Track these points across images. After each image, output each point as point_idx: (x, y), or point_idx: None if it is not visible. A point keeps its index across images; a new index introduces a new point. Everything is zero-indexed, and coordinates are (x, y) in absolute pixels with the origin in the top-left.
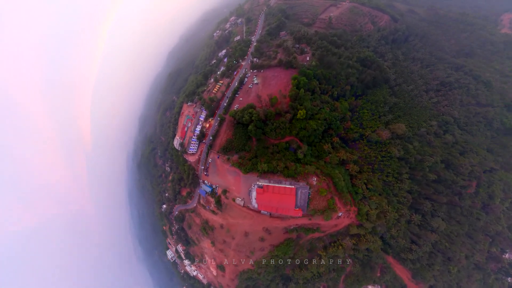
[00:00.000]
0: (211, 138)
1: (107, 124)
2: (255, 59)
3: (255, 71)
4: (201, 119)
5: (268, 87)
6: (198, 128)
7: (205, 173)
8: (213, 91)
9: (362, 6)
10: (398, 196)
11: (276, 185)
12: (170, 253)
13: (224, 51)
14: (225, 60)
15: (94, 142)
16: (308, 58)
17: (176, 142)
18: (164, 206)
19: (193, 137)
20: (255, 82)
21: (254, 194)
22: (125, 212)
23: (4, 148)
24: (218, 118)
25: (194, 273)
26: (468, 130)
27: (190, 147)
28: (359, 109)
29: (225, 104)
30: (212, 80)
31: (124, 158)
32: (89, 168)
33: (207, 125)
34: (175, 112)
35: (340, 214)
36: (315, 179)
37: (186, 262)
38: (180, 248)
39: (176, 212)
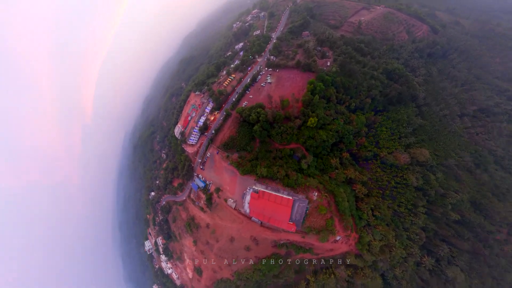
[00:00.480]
0: (213, 132)
1: (111, 98)
2: (272, 57)
3: (270, 69)
4: (207, 110)
5: (281, 88)
6: (202, 119)
7: (201, 167)
8: (224, 84)
9: (399, 13)
10: (409, 232)
11: (273, 193)
12: (148, 244)
13: (241, 44)
14: (241, 53)
15: (94, 114)
16: (328, 63)
17: (177, 130)
18: (153, 193)
19: (195, 127)
20: (269, 81)
21: (248, 198)
22: (111, 192)
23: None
24: (224, 113)
25: (169, 271)
26: (506, 167)
27: (191, 138)
28: (377, 126)
29: (233, 99)
30: (224, 72)
31: (122, 136)
32: (84, 139)
33: (212, 118)
34: (181, 99)
35: (338, 238)
36: (316, 194)
37: (163, 257)
38: (160, 241)
39: (164, 202)
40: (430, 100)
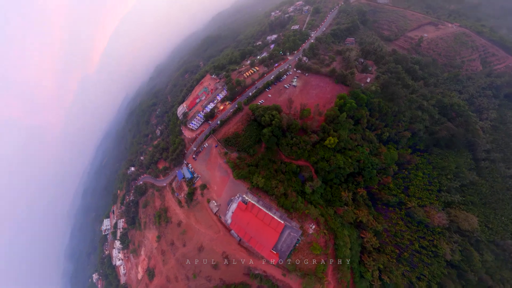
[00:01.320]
0: (218, 122)
1: (122, 56)
2: (304, 58)
3: (299, 71)
4: (218, 98)
5: (305, 95)
6: (211, 106)
7: (193, 156)
8: (244, 74)
9: (477, 36)
10: None
11: (264, 209)
12: (107, 224)
13: (274, 36)
14: (272, 46)
15: (99, 66)
16: (368, 80)
17: (181, 110)
18: (133, 168)
19: (201, 112)
20: (293, 84)
21: (233, 206)
22: (89, 153)
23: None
24: (236, 105)
25: (118, 263)
26: None
27: (192, 122)
28: (412, 168)
29: (250, 93)
30: (248, 62)
31: (121, 98)
32: (80, 89)
33: (221, 107)
34: (194, 78)
35: None
36: (314, 227)
37: (118, 244)
38: (121, 223)
39: (141, 182)
40: (497, 157)
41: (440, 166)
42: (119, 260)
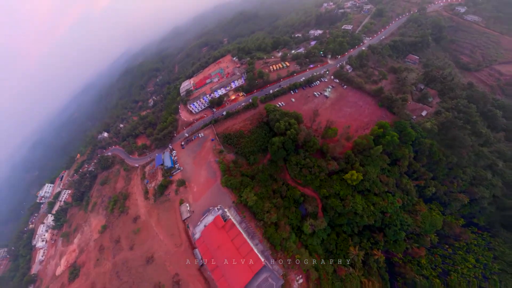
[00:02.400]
0: (224, 113)
1: (137, 4)
2: (348, 67)
3: (337, 81)
4: (233, 85)
5: (336, 111)
6: (221, 91)
7: (182, 143)
8: (271, 67)
9: None
10: None
11: (244, 235)
12: (47, 190)
13: (319, 31)
14: (312, 43)
15: (107, 6)
16: (424, 113)
17: (186, 85)
18: (106, 134)
19: (207, 96)
20: (326, 93)
21: (209, 219)
22: (61, 99)
23: None
24: (250, 100)
25: (39, 244)
26: None
27: (194, 103)
28: (461, 248)
29: (271, 91)
30: (279, 54)
31: (120, 51)
32: (76, 27)
33: (233, 97)
34: (212, 54)
35: None
36: (301, 281)
37: (50, 219)
38: (65, 195)
39: (109, 154)
40: None
41: (506, 259)
42: (42, 241)
